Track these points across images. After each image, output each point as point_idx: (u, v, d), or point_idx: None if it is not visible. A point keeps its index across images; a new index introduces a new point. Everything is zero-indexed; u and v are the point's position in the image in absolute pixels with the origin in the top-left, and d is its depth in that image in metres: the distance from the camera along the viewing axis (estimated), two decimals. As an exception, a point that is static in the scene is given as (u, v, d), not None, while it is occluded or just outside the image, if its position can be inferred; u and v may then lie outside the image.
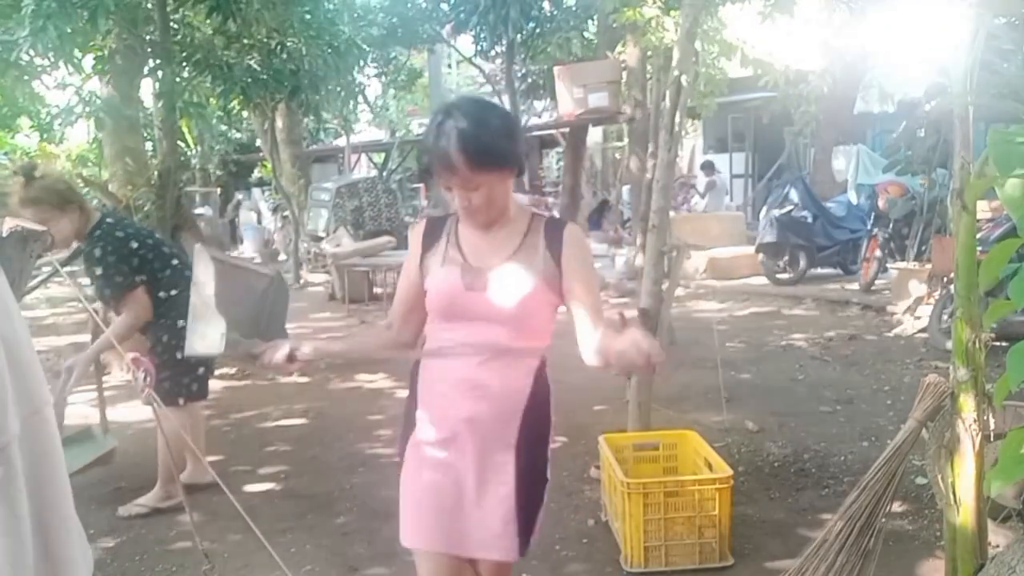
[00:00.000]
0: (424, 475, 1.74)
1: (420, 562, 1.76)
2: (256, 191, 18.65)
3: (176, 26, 6.64)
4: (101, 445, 3.43)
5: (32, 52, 5.29)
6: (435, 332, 1.77)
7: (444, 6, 11.45)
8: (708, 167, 13.76)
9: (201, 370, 3.43)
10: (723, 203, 13.62)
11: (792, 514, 3.19)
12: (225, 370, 5.53)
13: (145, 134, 7.02)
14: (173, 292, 3.26)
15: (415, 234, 1.82)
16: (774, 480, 3.55)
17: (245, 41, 6.96)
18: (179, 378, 3.33)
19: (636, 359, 1.46)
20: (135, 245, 3.21)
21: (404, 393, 1.94)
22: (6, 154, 14.92)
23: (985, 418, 1.87)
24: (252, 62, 6.96)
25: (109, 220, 3.28)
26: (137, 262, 3.18)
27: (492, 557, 1.73)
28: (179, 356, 3.22)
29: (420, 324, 1.83)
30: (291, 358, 1.76)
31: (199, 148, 17.67)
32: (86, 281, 3.62)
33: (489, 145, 1.60)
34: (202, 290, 1.95)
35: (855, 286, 8.33)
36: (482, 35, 11.21)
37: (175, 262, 3.33)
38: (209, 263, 1.98)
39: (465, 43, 12.77)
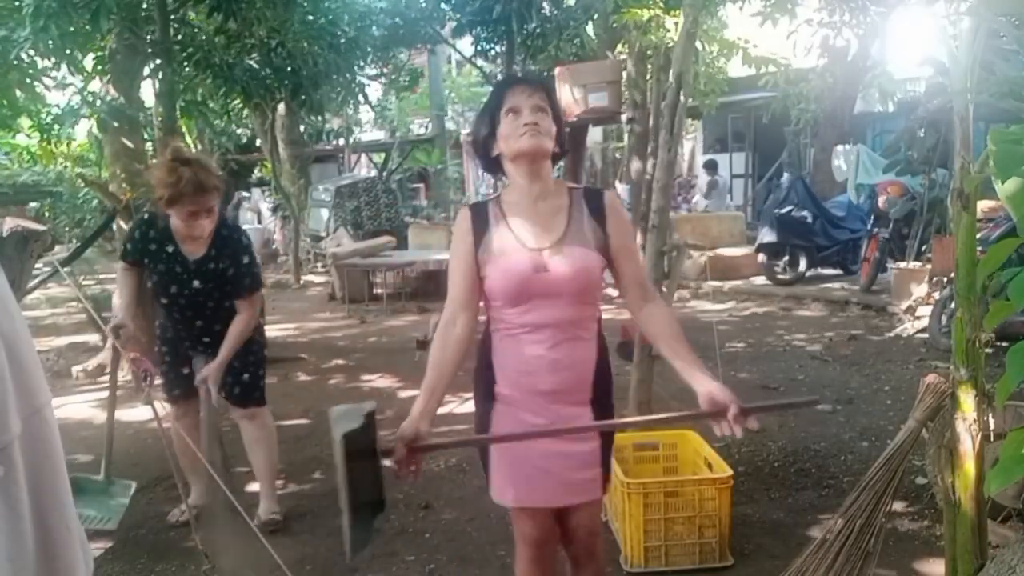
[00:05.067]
0: (517, 443, 1.85)
1: (522, 518, 1.92)
2: (256, 191, 18.65)
3: (177, 26, 6.64)
4: (123, 493, 3.06)
5: (33, 52, 5.30)
6: (503, 315, 1.83)
7: (444, 6, 11.45)
8: (711, 166, 13.70)
9: None
10: (725, 203, 13.57)
11: (792, 514, 3.19)
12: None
13: (145, 134, 7.00)
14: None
15: (463, 223, 1.87)
16: (774, 480, 3.55)
17: (246, 40, 6.96)
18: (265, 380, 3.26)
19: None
20: None
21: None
22: (7, 154, 14.93)
23: (985, 418, 1.87)
24: (252, 61, 6.97)
25: None
26: None
27: (584, 500, 1.89)
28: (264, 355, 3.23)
29: (477, 310, 1.87)
30: (411, 452, 1.67)
31: (199, 148, 17.67)
32: (86, 281, 3.53)
33: (553, 90, 1.94)
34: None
35: (855, 286, 8.33)
36: (482, 36, 11.21)
37: None
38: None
39: (466, 44, 12.77)
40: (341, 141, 18.71)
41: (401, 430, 1.68)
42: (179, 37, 6.65)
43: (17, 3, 5.10)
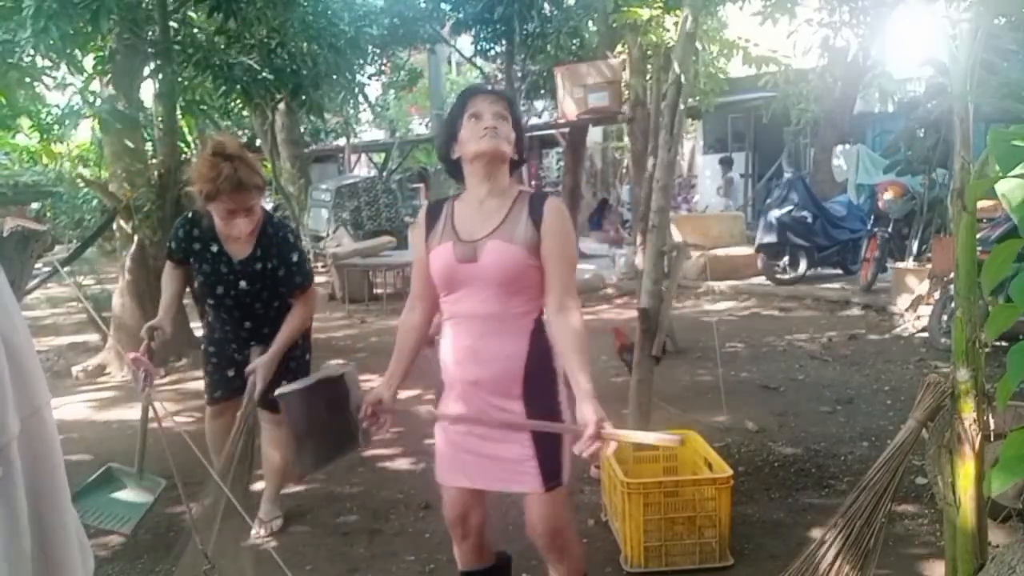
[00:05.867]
0: (448, 426, 2.01)
1: (444, 494, 2.09)
2: (256, 191, 18.59)
3: (177, 26, 6.64)
4: (151, 490, 2.94)
5: (33, 52, 5.30)
6: (444, 305, 1.99)
7: (444, 6, 11.46)
8: (726, 163, 13.47)
9: None
10: (737, 202, 13.43)
11: (792, 514, 3.19)
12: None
13: (145, 134, 6.99)
14: None
15: (420, 217, 2.05)
16: (774, 480, 3.55)
17: (246, 40, 6.96)
18: None
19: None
20: None
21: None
22: (6, 154, 14.93)
23: (985, 418, 1.86)
24: (252, 61, 6.97)
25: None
26: None
27: (516, 490, 1.98)
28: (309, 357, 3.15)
29: (434, 298, 2.02)
30: (374, 412, 1.96)
31: (199, 148, 17.66)
32: (86, 281, 3.48)
33: (515, 102, 2.02)
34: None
35: (855, 286, 8.33)
36: (482, 35, 11.22)
37: None
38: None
39: (465, 43, 12.78)
40: (341, 141, 18.71)
41: (366, 393, 1.97)
42: (179, 37, 6.64)
43: (17, 3, 5.10)
